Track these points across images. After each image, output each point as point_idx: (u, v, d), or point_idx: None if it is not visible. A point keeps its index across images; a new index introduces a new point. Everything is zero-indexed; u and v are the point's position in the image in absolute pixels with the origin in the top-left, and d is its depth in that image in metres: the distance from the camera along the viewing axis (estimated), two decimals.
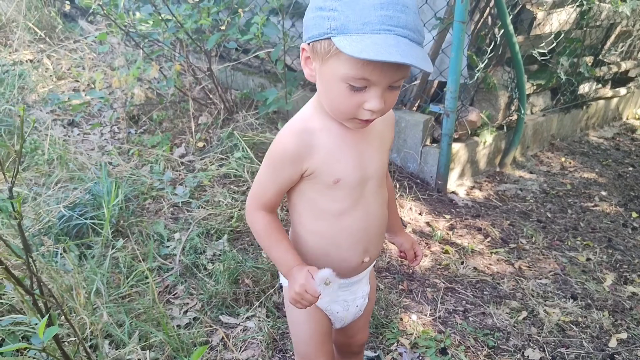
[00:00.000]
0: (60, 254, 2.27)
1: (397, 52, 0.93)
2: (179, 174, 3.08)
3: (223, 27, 3.10)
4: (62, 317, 1.66)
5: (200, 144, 3.37)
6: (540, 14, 3.42)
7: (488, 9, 3.24)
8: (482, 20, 3.28)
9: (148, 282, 2.21)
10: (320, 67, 1.05)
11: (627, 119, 4.98)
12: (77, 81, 4.10)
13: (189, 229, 2.57)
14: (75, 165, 2.99)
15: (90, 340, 1.84)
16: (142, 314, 2.01)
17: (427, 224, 2.85)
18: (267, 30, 2.79)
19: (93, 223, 2.48)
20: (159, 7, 3.13)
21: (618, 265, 2.65)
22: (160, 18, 3.12)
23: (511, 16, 3.14)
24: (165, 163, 3.16)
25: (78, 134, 3.56)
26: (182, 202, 2.81)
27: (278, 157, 1.16)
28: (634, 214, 3.19)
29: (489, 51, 3.19)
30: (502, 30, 3.14)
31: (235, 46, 3.25)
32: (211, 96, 3.61)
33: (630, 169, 3.91)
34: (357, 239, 1.23)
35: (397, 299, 2.25)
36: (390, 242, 1.59)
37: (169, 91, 3.64)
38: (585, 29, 3.86)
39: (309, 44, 1.05)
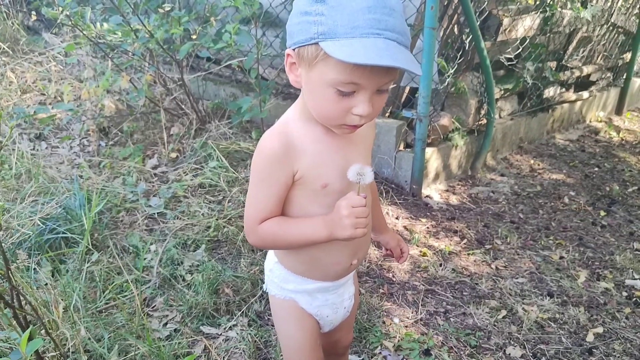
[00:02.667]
0: (34, 268, 2.21)
1: (388, 56, 0.93)
2: (153, 185, 3.04)
3: (194, 37, 3.08)
4: (42, 332, 1.61)
5: (173, 155, 3.33)
6: (506, 20, 3.51)
7: (456, 16, 3.31)
8: (450, 26, 3.35)
9: (126, 295, 2.17)
10: (307, 72, 1.04)
11: (590, 121, 5.12)
12: (44, 94, 4.02)
13: (165, 240, 2.53)
14: (45, 179, 2.91)
15: (73, 354, 1.79)
16: (121, 328, 1.97)
17: (405, 227, 2.87)
18: (239, 39, 2.78)
19: (66, 237, 2.42)
20: (128, 17, 3.09)
21: (590, 262, 2.72)
22: (129, 28, 3.08)
23: (478, 22, 3.21)
24: (138, 175, 3.11)
25: (46, 148, 3.48)
26: (157, 213, 2.77)
27: (266, 163, 1.13)
28: (602, 213, 3.28)
29: (458, 57, 3.26)
30: (471, 36, 3.21)
31: (207, 55, 3.24)
32: (183, 106, 3.57)
33: (596, 169, 4.02)
34: (346, 243, 1.23)
35: (379, 303, 2.25)
36: (376, 241, 1.59)
37: (140, 102, 3.59)
38: (548, 34, 3.97)
39: (294, 49, 1.04)
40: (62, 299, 1.97)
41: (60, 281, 2.15)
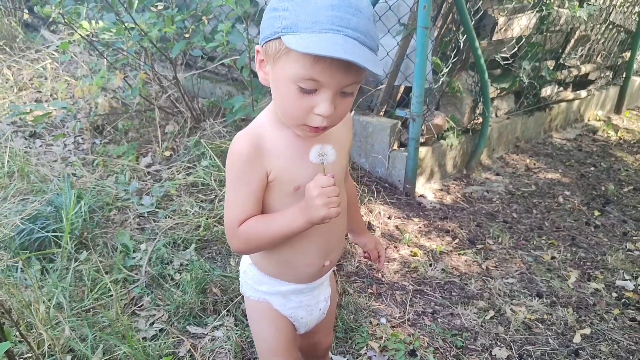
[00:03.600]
0: (21, 268, 2.21)
1: (343, 50, 0.93)
2: (145, 184, 3.04)
3: (187, 35, 3.08)
4: (19, 334, 1.62)
5: (167, 153, 3.33)
6: (501, 19, 3.49)
7: (451, 15, 3.30)
8: (445, 26, 3.33)
9: (112, 295, 2.17)
10: (272, 68, 1.04)
11: (589, 120, 5.10)
12: (39, 92, 4.02)
13: (155, 239, 2.54)
14: (37, 177, 2.92)
15: (52, 356, 1.79)
16: (106, 328, 1.97)
17: (396, 227, 2.86)
18: (232, 38, 2.78)
19: (55, 236, 2.42)
20: (122, 15, 3.09)
21: (581, 262, 2.71)
22: (123, 26, 3.08)
23: (473, 22, 3.20)
24: (131, 173, 3.12)
25: (40, 146, 3.48)
26: (148, 212, 2.77)
27: (239, 164, 1.13)
28: (596, 213, 3.26)
29: (452, 56, 3.24)
30: (465, 36, 3.19)
31: (200, 54, 3.24)
32: (178, 105, 3.57)
33: (592, 168, 4.00)
34: (317, 244, 1.23)
35: (366, 303, 2.25)
36: (354, 243, 1.59)
37: (134, 100, 3.60)
38: (545, 33, 3.95)
39: (262, 45, 1.05)
40: (47, 299, 1.98)
41: (46, 281, 2.15)
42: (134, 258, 2.45)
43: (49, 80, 4.00)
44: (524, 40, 3.73)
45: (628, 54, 5.34)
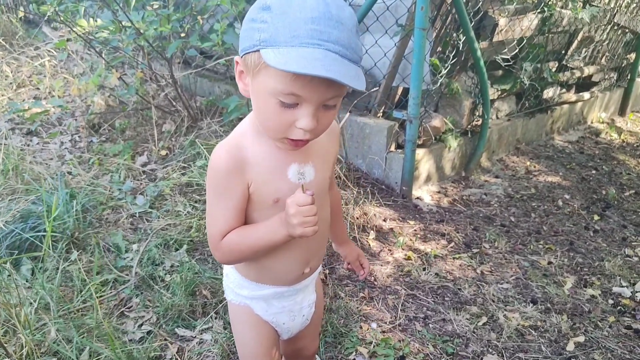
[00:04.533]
0: (7, 270, 2.20)
1: (322, 66, 0.89)
2: (140, 183, 3.03)
3: (183, 35, 3.06)
4: None
5: (163, 152, 3.32)
6: (502, 20, 3.45)
7: (450, 16, 3.26)
8: (444, 26, 3.30)
9: (102, 295, 2.16)
10: (252, 81, 1.01)
11: (592, 122, 5.05)
12: (38, 89, 4.02)
13: (147, 239, 2.52)
14: (31, 175, 2.91)
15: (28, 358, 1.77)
16: (93, 330, 1.95)
17: (391, 230, 2.84)
18: (227, 38, 2.75)
19: (46, 235, 2.41)
20: (118, 14, 3.08)
21: (579, 268, 2.67)
22: (119, 25, 3.07)
23: (473, 23, 3.16)
24: (126, 172, 3.10)
25: (37, 143, 3.48)
26: (142, 212, 2.75)
27: (219, 177, 1.11)
28: (596, 217, 3.23)
29: (451, 57, 3.21)
30: (464, 37, 3.16)
31: (195, 54, 3.21)
32: (175, 104, 3.56)
33: (594, 172, 3.96)
34: (297, 254, 1.21)
35: (358, 307, 2.23)
36: (337, 252, 1.56)
37: (132, 99, 3.58)
38: (547, 34, 3.91)
39: (242, 57, 1.01)
40: (33, 300, 1.97)
41: (35, 282, 2.14)
42: (126, 259, 2.43)
43: (48, 78, 3.99)
44: (525, 41, 3.69)
45: (633, 56, 5.29)
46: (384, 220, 2.91)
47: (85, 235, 2.50)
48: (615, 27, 4.79)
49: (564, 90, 4.52)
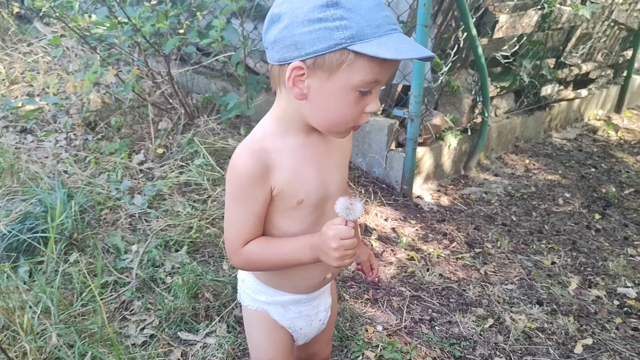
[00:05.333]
0: (6, 272, 2.15)
1: (409, 49, 0.95)
2: (138, 182, 2.97)
3: (182, 31, 3.00)
4: None
5: (160, 151, 3.27)
6: (502, 17, 3.42)
7: (451, 12, 3.23)
8: (445, 23, 3.26)
9: (103, 298, 2.12)
10: (324, 82, 0.98)
11: (589, 119, 5.05)
12: (31, 85, 3.94)
13: (146, 240, 2.48)
14: (27, 174, 2.85)
15: None
16: (94, 334, 1.91)
17: (393, 229, 2.81)
18: (226, 34, 2.71)
19: (45, 237, 2.36)
20: (114, 9, 3.02)
21: (582, 268, 2.66)
22: (116, 21, 3.01)
23: (474, 19, 3.13)
24: (123, 171, 3.05)
25: (32, 141, 3.41)
26: (140, 212, 2.71)
27: (244, 183, 1.07)
28: (597, 216, 3.22)
29: (452, 54, 3.18)
30: (466, 34, 3.13)
31: (194, 50, 3.16)
32: (171, 101, 3.50)
33: (593, 170, 3.95)
34: (319, 263, 1.18)
35: (363, 309, 2.20)
36: None
37: (127, 96, 3.52)
38: (547, 31, 3.89)
39: (304, 60, 0.97)
40: (33, 304, 1.92)
41: (34, 284, 2.09)
42: (125, 260, 2.39)
43: (41, 74, 3.92)
44: (525, 38, 3.67)
45: (629, 52, 5.28)
46: (386, 220, 2.89)
47: (84, 236, 2.45)
48: (612, 24, 4.77)
49: (561, 87, 4.51)
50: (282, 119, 1.09)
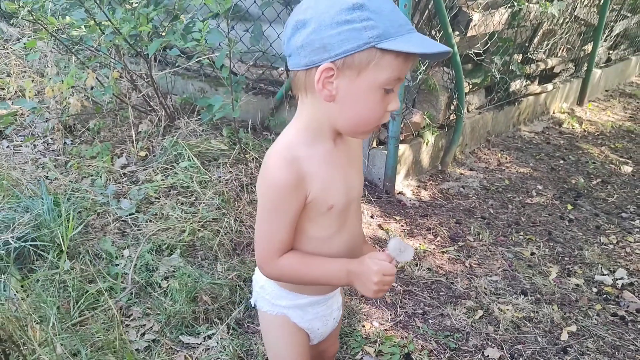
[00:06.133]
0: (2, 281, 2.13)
1: (431, 45, 1.02)
2: (123, 186, 2.96)
3: (163, 33, 2.99)
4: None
5: (142, 154, 3.25)
6: (475, 16, 3.53)
7: (427, 12, 3.31)
8: (421, 22, 3.34)
9: (101, 305, 2.12)
10: (352, 81, 1.02)
11: (554, 112, 5.23)
12: (2, 89, 3.85)
13: (138, 245, 2.48)
14: (9, 181, 2.80)
15: None
16: (97, 342, 1.92)
17: (380, 226, 2.88)
18: (210, 37, 2.71)
19: (35, 245, 2.34)
20: (93, 11, 2.98)
21: (560, 257, 2.79)
22: (94, 23, 2.97)
23: (449, 18, 3.22)
24: (107, 175, 3.03)
25: (8, 147, 3.34)
26: (128, 216, 2.70)
27: (281, 194, 1.10)
28: (569, 206, 3.36)
29: None
30: (442, 32, 3.21)
31: (177, 53, 3.15)
32: (151, 103, 3.48)
33: (561, 162, 4.11)
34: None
35: (358, 306, 2.26)
36: None
37: (106, 99, 3.48)
38: (516, 28, 4.02)
39: (334, 61, 1.01)
40: (37, 316, 1.91)
41: (30, 293, 2.08)
42: (118, 265, 2.39)
43: (13, 78, 3.83)
44: (496, 35, 3.79)
45: (589, 47, 5.49)
46: (372, 217, 2.96)
47: (75, 244, 2.44)
48: (574, 20, 4.96)
49: (528, 82, 4.67)
50: (309, 126, 1.12)
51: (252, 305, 1.40)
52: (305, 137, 1.13)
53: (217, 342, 2.01)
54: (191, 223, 2.58)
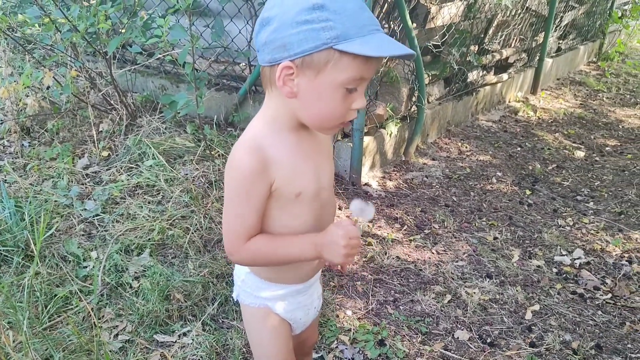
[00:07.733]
0: None
1: (391, 47, 1.03)
2: (86, 187, 2.91)
3: (123, 30, 2.94)
4: None
5: (105, 153, 3.20)
6: (433, 8, 3.60)
7: (386, 5, 3.36)
8: (381, 15, 3.39)
9: (71, 308, 2.09)
10: (312, 80, 1.04)
11: (510, 101, 5.39)
12: None
13: (106, 246, 2.45)
14: None
15: None
16: (70, 345, 1.89)
17: (348, 217, 2.92)
18: (173, 33, 2.69)
19: None
20: (48, 9, 2.91)
21: (521, 241, 2.89)
22: (50, 21, 2.90)
23: (407, 10, 3.28)
24: (69, 176, 2.97)
25: None
26: (94, 217, 2.66)
27: (245, 180, 1.12)
28: (528, 192, 3.48)
29: None
30: (401, 25, 3.27)
31: (139, 50, 3.11)
32: (111, 102, 3.42)
33: (519, 149, 4.25)
34: None
35: (331, 296, 2.30)
36: None
37: (64, 98, 3.41)
38: (472, 20, 4.12)
39: (293, 60, 1.03)
40: (6, 322, 1.87)
41: None
42: (86, 267, 2.35)
43: None
44: (453, 27, 3.87)
45: (541, 37, 5.67)
46: (340, 209, 3.00)
47: (40, 247, 2.39)
48: (526, 11, 5.11)
49: (485, 72, 4.79)
50: (275, 118, 1.15)
51: (235, 300, 1.42)
52: (271, 128, 1.15)
53: (193, 339, 2.01)
54: (160, 222, 2.56)
